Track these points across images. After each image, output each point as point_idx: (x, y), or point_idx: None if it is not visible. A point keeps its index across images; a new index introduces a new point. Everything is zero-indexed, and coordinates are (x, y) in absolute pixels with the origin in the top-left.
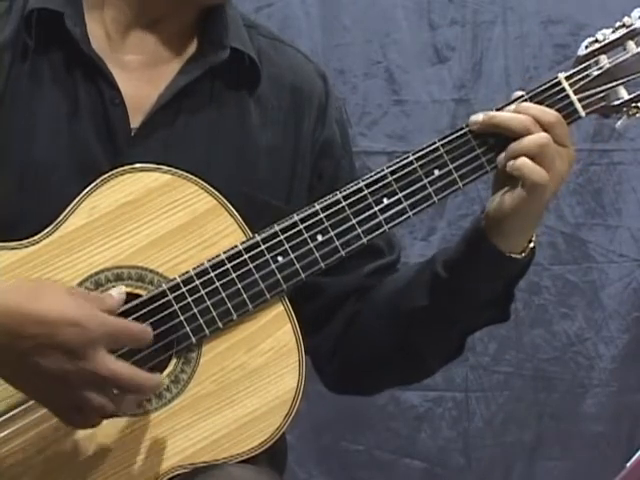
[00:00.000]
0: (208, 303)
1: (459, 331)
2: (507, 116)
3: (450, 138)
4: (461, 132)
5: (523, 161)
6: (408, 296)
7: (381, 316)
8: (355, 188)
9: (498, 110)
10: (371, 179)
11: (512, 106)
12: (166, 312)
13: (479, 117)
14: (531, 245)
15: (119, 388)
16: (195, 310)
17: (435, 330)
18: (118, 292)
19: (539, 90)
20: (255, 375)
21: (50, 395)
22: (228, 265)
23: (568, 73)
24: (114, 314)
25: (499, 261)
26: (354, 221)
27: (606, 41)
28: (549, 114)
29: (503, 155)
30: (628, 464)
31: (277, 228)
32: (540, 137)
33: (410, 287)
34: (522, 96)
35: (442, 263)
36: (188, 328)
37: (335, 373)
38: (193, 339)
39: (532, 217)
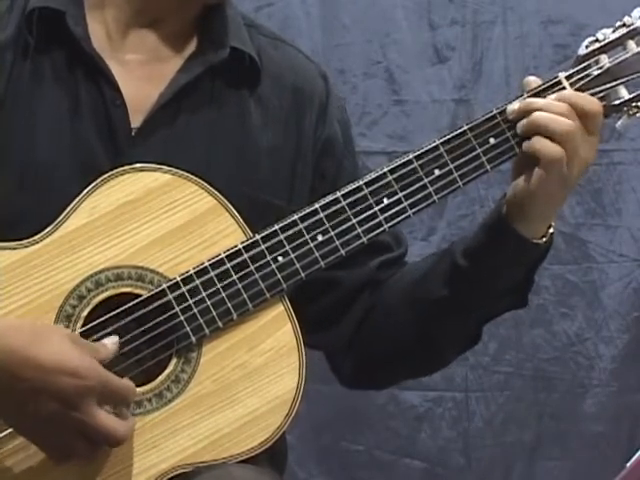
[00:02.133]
0: (208, 303)
1: (477, 319)
2: (543, 102)
3: (450, 137)
4: (461, 131)
5: (537, 139)
6: (426, 287)
7: (398, 309)
8: (355, 188)
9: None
10: (371, 179)
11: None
12: (166, 312)
13: (515, 105)
14: (550, 230)
15: (101, 439)
16: (195, 310)
17: (454, 320)
18: (112, 342)
19: (540, 89)
20: (255, 375)
21: (37, 435)
22: (228, 265)
23: (568, 72)
24: (107, 362)
25: (521, 247)
26: (354, 221)
27: (606, 40)
28: (593, 103)
29: (523, 122)
30: (628, 464)
31: (277, 228)
32: (567, 124)
33: (428, 278)
34: (559, 82)
35: (461, 252)
36: (188, 328)
37: (351, 368)
38: (193, 339)
39: (553, 198)
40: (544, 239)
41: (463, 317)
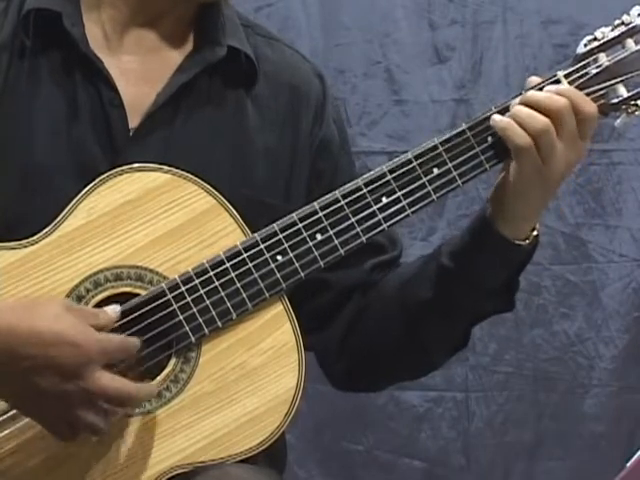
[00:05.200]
0: (207, 302)
1: (465, 322)
2: (543, 95)
3: (449, 137)
4: (459, 130)
5: (510, 125)
6: (414, 289)
7: (388, 311)
8: (354, 187)
9: (540, 88)
10: (370, 178)
11: (552, 86)
12: (165, 311)
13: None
14: (534, 233)
15: (113, 403)
16: (194, 309)
17: (442, 322)
18: (113, 310)
19: (538, 88)
20: (255, 374)
21: (44, 413)
22: (227, 264)
23: (567, 71)
24: (107, 331)
25: (502, 247)
26: (353, 220)
27: (605, 39)
28: (590, 104)
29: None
30: (628, 464)
31: (276, 227)
32: (544, 123)
33: (416, 280)
34: (558, 80)
35: (447, 254)
36: (187, 327)
37: (343, 370)
38: (192, 338)
39: (528, 193)
40: (527, 241)
41: (450, 319)
